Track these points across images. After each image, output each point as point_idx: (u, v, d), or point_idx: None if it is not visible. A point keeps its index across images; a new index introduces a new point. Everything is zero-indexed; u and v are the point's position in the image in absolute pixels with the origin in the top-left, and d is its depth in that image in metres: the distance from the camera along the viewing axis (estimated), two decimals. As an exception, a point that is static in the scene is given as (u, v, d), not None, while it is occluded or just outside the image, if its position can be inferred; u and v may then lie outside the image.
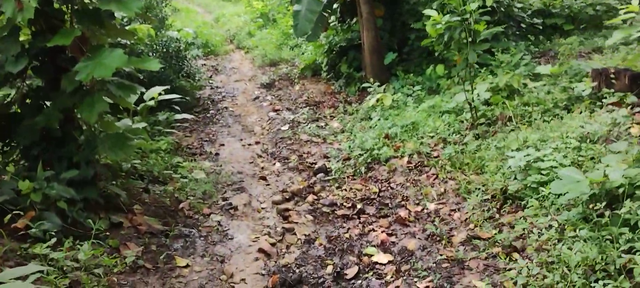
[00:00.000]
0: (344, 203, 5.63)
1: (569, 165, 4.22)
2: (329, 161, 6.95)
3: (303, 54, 12.67)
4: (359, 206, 5.48)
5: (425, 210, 5.06)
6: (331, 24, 10.93)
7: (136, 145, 5.99)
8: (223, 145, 8.21)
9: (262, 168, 7.18)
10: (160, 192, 5.83)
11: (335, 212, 5.48)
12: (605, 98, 5.78)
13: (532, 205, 4.11)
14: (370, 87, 8.67)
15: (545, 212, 4.03)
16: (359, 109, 8.83)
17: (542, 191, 4.14)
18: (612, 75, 5.93)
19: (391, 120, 7.41)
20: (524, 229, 4.02)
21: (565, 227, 3.70)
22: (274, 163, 7.29)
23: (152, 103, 7.60)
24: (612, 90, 5.79)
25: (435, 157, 6.07)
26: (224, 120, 9.42)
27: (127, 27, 6.33)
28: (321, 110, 9.30)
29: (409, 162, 6.16)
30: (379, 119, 7.75)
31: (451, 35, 5.69)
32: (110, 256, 4.17)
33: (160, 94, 7.77)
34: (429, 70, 9.03)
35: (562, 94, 6.33)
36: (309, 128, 8.28)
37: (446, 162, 5.77)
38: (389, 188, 5.80)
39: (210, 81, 11.78)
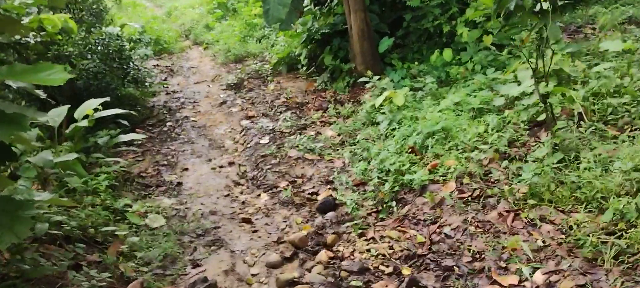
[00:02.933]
0: (381, 267, 3.53)
1: None
2: (336, 189, 4.86)
3: (272, 46, 10.46)
4: (406, 272, 3.41)
5: (525, 284, 3.01)
6: (306, 8, 8.74)
7: (49, 204, 3.73)
8: (187, 169, 6.01)
9: (243, 203, 5.04)
10: (96, 271, 3.62)
11: (371, 284, 3.40)
12: None
13: None
14: (367, 81, 6.61)
15: None
16: (355, 110, 6.74)
17: None
18: None
19: (409, 126, 5.35)
20: None
21: None
22: (259, 195, 5.16)
23: (85, 123, 5.32)
24: None
25: (500, 182, 4.01)
26: (186, 134, 7.17)
27: (26, 19, 4.02)
28: (306, 114, 7.15)
29: (459, 191, 4.09)
30: (390, 124, 5.69)
31: (521, 2, 3.64)
32: None
33: (96, 110, 5.51)
34: (434, 56, 7.04)
35: (652, 78, 4.43)
36: (298, 140, 6.12)
37: (524, 191, 3.73)
38: (442, 235, 3.71)
39: (165, 85, 9.44)
